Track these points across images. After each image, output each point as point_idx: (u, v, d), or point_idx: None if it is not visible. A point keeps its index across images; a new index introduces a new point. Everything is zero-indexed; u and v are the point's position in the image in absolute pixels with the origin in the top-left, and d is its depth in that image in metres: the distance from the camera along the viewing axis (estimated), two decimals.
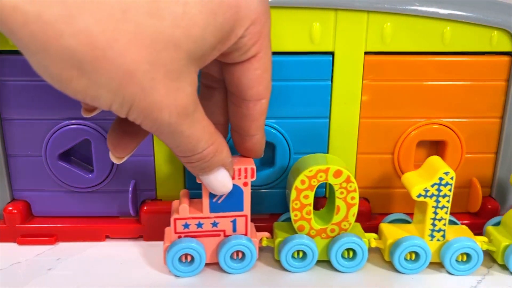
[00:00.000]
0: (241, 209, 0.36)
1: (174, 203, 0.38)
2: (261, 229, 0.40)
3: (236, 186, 0.35)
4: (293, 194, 0.36)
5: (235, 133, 0.35)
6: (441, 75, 0.40)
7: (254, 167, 0.35)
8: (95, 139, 0.40)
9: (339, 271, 0.38)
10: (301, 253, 0.38)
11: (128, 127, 0.32)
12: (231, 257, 0.37)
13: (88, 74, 0.24)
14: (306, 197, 0.37)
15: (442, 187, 0.36)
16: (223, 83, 0.34)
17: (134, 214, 0.41)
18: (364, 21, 0.38)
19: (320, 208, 0.40)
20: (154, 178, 0.41)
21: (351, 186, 0.36)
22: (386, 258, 0.38)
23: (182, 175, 0.42)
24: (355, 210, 0.37)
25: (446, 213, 0.37)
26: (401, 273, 0.38)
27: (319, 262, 0.39)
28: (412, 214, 0.40)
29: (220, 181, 0.34)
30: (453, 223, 0.40)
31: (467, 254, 0.38)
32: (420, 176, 0.37)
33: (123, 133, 0.32)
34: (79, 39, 0.23)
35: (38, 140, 0.40)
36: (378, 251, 0.40)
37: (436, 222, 0.37)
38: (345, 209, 0.37)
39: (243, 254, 0.37)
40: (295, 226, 0.37)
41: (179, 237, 0.37)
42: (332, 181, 0.36)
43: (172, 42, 0.26)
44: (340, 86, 0.39)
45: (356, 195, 0.37)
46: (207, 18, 0.26)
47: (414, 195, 0.36)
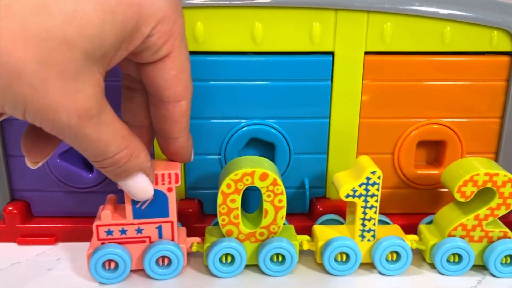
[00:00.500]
0: (166, 215, 0.36)
1: (100, 209, 0.38)
2: None
3: (159, 192, 0.35)
4: (219, 199, 0.36)
5: (158, 136, 0.34)
6: (441, 75, 0.40)
7: (179, 171, 0.35)
8: None
9: (267, 275, 0.37)
10: (229, 258, 0.37)
11: (40, 130, 0.29)
12: (157, 263, 0.36)
13: None
14: (233, 201, 0.36)
15: (370, 187, 0.36)
16: (143, 84, 0.33)
17: None
18: (364, 21, 0.38)
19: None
20: None
21: (278, 189, 0.36)
22: (317, 260, 0.38)
23: (182, 175, 0.42)
24: (283, 213, 0.36)
25: (375, 212, 0.36)
26: (333, 275, 0.37)
27: (250, 267, 0.38)
28: (413, 214, 0.40)
29: (139, 186, 0.33)
30: (385, 223, 0.40)
31: (396, 253, 0.37)
32: (349, 176, 0.37)
33: (36, 136, 0.31)
34: None
35: None
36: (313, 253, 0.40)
37: (366, 222, 0.37)
38: (273, 212, 0.36)
39: (169, 260, 0.36)
40: (223, 230, 0.37)
41: (103, 243, 0.36)
42: (258, 184, 0.35)
43: (65, 41, 0.25)
44: (340, 86, 0.39)
45: (284, 197, 0.36)
46: (103, 17, 0.26)
47: (342, 195, 0.36)
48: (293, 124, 0.40)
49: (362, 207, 0.36)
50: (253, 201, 0.42)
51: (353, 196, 0.36)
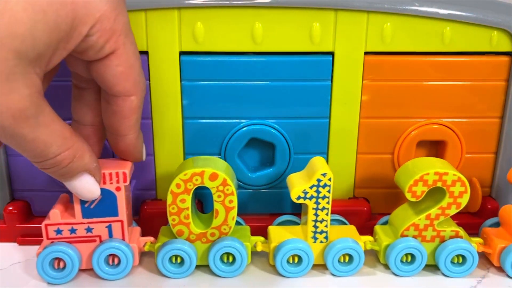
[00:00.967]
0: (115, 214, 0.35)
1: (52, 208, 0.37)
2: (260, 230, 0.40)
3: (107, 191, 0.35)
4: (169, 198, 0.35)
5: (108, 133, 0.35)
6: (441, 75, 0.40)
7: (127, 171, 0.34)
8: None
9: (219, 276, 0.37)
10: (179, 258, 0.36)
11: None
12: (107, 262, 0.36)
13: None
14: (183, 201, 0.36)
15: (320, 189, 0.36)
16: (93, 83, 0.33)
17: (134, 214, 0.41)
18: (364, 21, 0.38)
19: None
20: (154, 178, 0.41)
21: (228, 189, 0.35)
22: (270, 262, 0.37)
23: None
24: (234, 213, 0.36)
25: (327, 214, 0.36)
26: (285, 276, 0.37)
27: (202, 267, 0.38)
28: None
29: (85, 187, 0.33)
30: (342, 223, 0.40)
31: (349, 255, 0.37)
32: (302, 178, 0.37)
33: None
34: None
35: None
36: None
37: (318, 224, 0.36)
38: (224, 212, 0.36)
39: (119, 259, 0.36)
40: (174, 231, 0.36)
41: (52, 242, 0.36)
42: (208, 184, 0.35)
43: None
44: (340, 86, 0.39)
45: (234, 198, 0.36)
46: (33, 16, 0.26)
47: (293, 197, 0.36)
48: (293, 124, 0.40)
49: (313, 209, 0.36)
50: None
51: (304, 198, 0.36)
